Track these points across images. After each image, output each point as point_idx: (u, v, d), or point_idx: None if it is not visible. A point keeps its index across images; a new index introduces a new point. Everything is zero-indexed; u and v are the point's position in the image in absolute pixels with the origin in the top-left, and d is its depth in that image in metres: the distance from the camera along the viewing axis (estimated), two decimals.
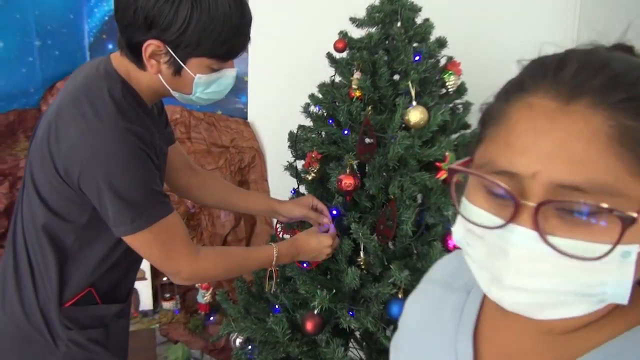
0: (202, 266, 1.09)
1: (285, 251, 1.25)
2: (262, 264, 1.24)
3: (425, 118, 1.33)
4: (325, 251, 1.28)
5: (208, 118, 2.47)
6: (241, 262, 1.20)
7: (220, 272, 1.15)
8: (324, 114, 1.55)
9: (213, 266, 1.12)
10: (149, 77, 1.04)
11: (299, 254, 1.28)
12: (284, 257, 1.25)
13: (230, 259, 1.18)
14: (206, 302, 2.33)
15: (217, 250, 1.18)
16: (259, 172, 2.48)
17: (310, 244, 1.28)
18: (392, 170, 1.39)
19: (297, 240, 1.29)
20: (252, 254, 1.24)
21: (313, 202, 1.39)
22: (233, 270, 1.21)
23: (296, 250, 1.27)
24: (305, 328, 1.29)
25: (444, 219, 1.33)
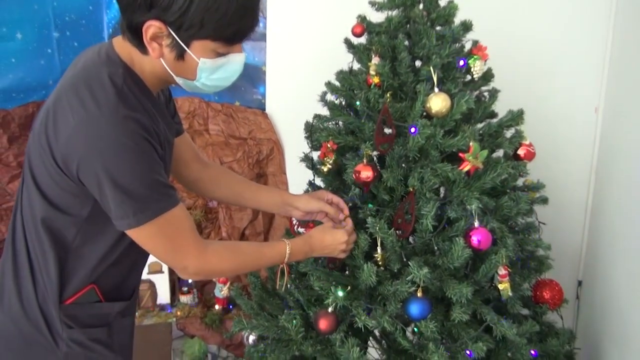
0: (210, 261, 1.04)
1: (299, 248, 1.19)
2: (274, 261, 1.18)
3: (447, 106, 1.25)
4: (339, 247, 1.22)
5: (226, 109, 2.42)
6: (252, 259, 1.15)
7: (229, 268, 1.10)
8: (341, 103, 1.48)
9: (221, 261, 1.07)
10: (152, 62, 0.99)
11: (313, 250, 1.22)
12: (297, 254, 1.19)
13: (240, 254, 1.12)
14: (224, 296, 2.29)
15: (226, 245, 1.12)
16: (277, 164, 2.42)
17: (325, 240, 1.22)
18: (412, 161, 1.31)
19: (310, 237, 1.23)
20: (264, 250, 1.18)
21: (328, 197, 1.32)
22: (243, 267, 1.16)
23: (310, 247, 1.21)
24: (318, 327, 1.23)
25: (467, 214, 1.24)
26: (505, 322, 1.23)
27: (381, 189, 1.32)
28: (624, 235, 1.67)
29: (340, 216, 1.31)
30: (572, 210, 2.02)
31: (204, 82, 1.01)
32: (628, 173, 1.68)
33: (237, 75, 1.05)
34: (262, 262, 1.17)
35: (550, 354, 1.41)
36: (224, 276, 1.16)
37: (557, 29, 1.95)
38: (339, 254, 1.24)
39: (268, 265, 1.20)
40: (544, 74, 1.98)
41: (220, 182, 1.37)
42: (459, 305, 1.21)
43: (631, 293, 1.57)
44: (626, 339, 1.56)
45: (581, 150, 1.97)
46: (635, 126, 1.66)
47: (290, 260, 1.19)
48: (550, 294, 1.46)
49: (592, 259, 1.98)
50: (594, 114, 1.94)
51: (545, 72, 1.98)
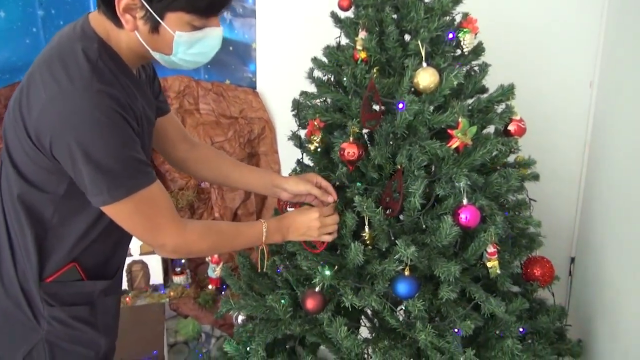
0: (189, 239, 1.03)
1: (275, 228, 1.18)
2: (252, 241, 1.17)
3: (435, 81, 1.21)
4: (313, 225, 1.20)
5: (216, 88, 2.38)
6: (230, 238, 1.13)
7: (207, 247, 1.09)
8: (329, 79, 1.45)
9: (200, 240, 1.05)
10: (128, 37, 0.96)
11: (289, 230, 1.20)
12: (274, 234, 1.18)
13: (218, 233, 1.11)
14: (217, 277, 2.30)
15: (204, 224, 1.11)
16: (269, 143, 2.39)
17: (297, 220, 1.20)
18: (400, 138, 1.28)
19: (285, 217, 1.22)
20: (242, 229, 1.17)
21: (317, 180, 1.30)
22: (221, 245, 1.14)
23: (285, 226, 1.20)
24: (305, 306, 1.22)
25: (456, 191, 1.22)
26: (493, 299, 1.22)
27: (369, 167, 1.30)
28: (618, 211, 1.65)
29: (329, 199, 1.29)
30: (565, 186, 2.00)
31: (181, 57, 0.98)
32: (622, 148, 1.66)
33: (215, 51, 1.02)
34: (240, 241, 1.16)
35: (540, 330, 1.41)
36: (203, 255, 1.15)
37: (550, 1, 1.90)
38: (318, 235, 1.22)
39: (247, 246, 1.19)
40: (537, 48, 1.94)
41: (208, 163, 1.35)
42: (447, 283, 1.20)
43: (624, 269, 1.56)
44: (618, 315, 1.55)
45: (575, 126, 1.94)
46: (630, 100, 1.63)
47: (268, 241, 1.17)
48: (541, 271, 1.45)
49: (585, 236, 1.97)
50: (589, 89, 1.91)
51: (538, 46, 1.93)
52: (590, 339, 1.69)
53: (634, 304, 1.46)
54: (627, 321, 1.48)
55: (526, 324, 1.38)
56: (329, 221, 1.23)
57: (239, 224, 1.19)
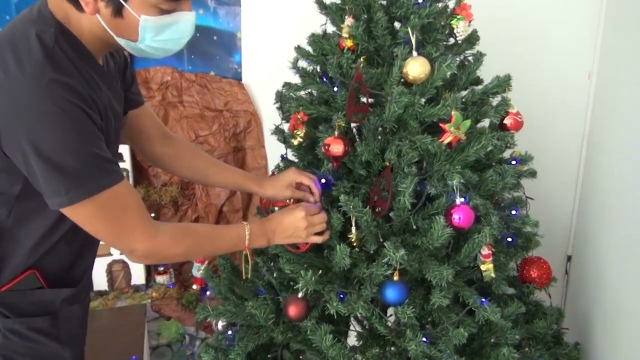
0: (161, 243, 0.94)
1: (259, 231, 1.09)
2: (233, 244, 1.08)
3: (426, 71, 1.13)
4: (300, 226, 1.11)
5: (200, 80, 2.28)
6: (208, 242, 1.05)
7: (182, 252, 1.00)
8: (314, 70, 1.36)
9: (173, 244, 0.96)
10: (90, 21, 0.87)
11: (274, 233, 1.12)
12: (258, 238, 1.09)
13: (194, 236, 1.02)
14: (202, 276, 2.21)
15: (180, 227, 1.02)
16: (255, 137, 2.30)
17: (283, 221, 1.12)
18: (389, 133, 1.20)
19: (269, 220, 1.13)
20: (222, 232, 1.08)
21: (297, 179, 1.21)
22: (198, 250, 1.06)
23: (270, 229, 1.12)
24: (287, 313, 1.14)
25: (448, 189, 1.14)
26: (488, 305, 1.14)
27: (357, 163, 1.22)
28: (616, 208, 1.58)
29: (310, 198, 1.20)
30: (562, 183, 1.92)
31: (148, 44, 0.89)
32: (621, 143, 1.59)
33: (187, 37, 0.93)
34: (220, 245, 1.07)
35: (536, 336, 1.34)
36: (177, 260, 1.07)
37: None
38: (306, 236, 1.13)
39: (228, 250, 1.11)
40: (534, 38, 1.85)
41: (186, 159, 1.26)
42: (439, 288, 1.12)
43: (622, 267, 1.49)
44: (617, 315, 1.49)
45: (573, 119, 1.87)
46: (630, 93, 1.56)
47: (252, 245, 1.09)
48: (538, 272, 1.38)
49: (583, 234, 1.90)
50: (587, 80, 1.83)
51: (535, 36, 1.85)
52: (587, 341, 1.63)
53: (633, 303, 1.40)
54: (627, 321, 1.42)
55: (522, 328, 1.30)
56: (317, 220, 1.14)
57: (219, 226, 1.11)
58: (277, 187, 1.21)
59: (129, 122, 1.13)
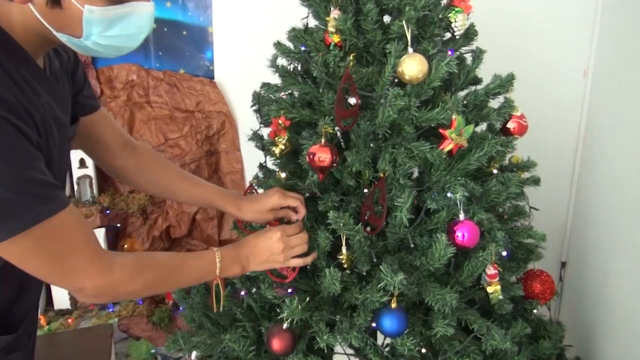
0: (116, 280, 0.79)
1: (231, 257, 0.96)
2: (202, 275, 0.94)
3: (425, 70, 1.00)
4: (275, 249, 0.98)
5: (169, 78, 2.11)
6: (173, 273, 0.90)
7: (142, 287, 0.85)
8: (295, 68, 1.22)
9: (131, 280, 0.81)
10: (22, 12, 0.71)
11: (249, 260, 0.98)
12: (231, 265, 0.96)
13: (157, 269, 0.87)
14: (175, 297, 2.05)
15: (139, 259, 0.87)
16: (230, 140, 2.15)
17: (258, 244, 0.99)
18: (382, 139, 1.07)
19: (241, 245, 0.99)
20: (189, 262, 0.94)
21: (282, 204, 1.07)
22: (162, 284, 0.91)
23: (244, 255, 0.98)
24: (270, 347, 1.00)
25: (450, 203, 1.02)
26: (496, 331, 1.02)
27: (345, 173, 1.08)
28: (612, 212, 1.50)
29: (293, 217, 1.07)
30: (557, 185, 1.83)
31: (96, 41, 0.73)
32: (618, 144, 1.50)
33: (144, 33, 0.77)
34: (187, 276, 0.93)
35: (542, 357, 1.23)
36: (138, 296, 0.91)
37: None
38: (284, 260, 1.00)
39: (197, 281, 0.97)
40: (529, 33, 1.75)
41: (148, 172, 1.10)
42: (442, 315, 1.00)
43: (620, 273, 1.41)
44: (616, 322, 1.41)
45: (568, 119, 1.77)
46: (627, 91, 1.47)
47: (224, 274, 0.95)
48: (541, 287, 1.27)
49: (577, 239, 1.81)
50: (583, 78, 1.74)
51: (530, 31, 1.75)
52: (588, 353, 1.54)
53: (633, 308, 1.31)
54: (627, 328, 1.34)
55: (526, 350, 1.19)
56: (295, 241, 1.01)
57: (185, 254, 0.95)
58: (258, 211, 1.07)
59: (83, 131, 0.97)
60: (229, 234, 2.17)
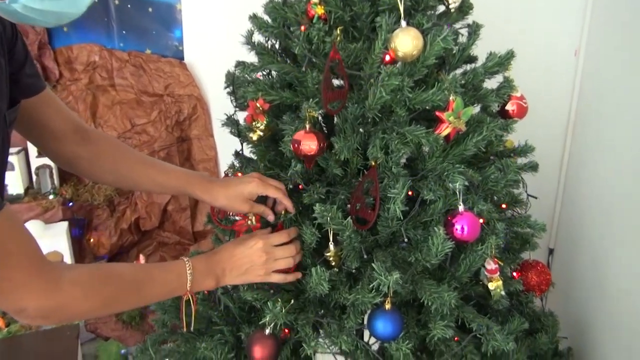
0: (66, 298, 0.67)
1: (204, 269, 0.85)
2: (170, 290, 0.83)
3: (419, 46, 0.90)
4: (257, 260, 0.89)
5: (134, 59, 1.96)
6: (135, 289, 0.78)
7: (99, 306, 0.73)
8: (273, 45, 1.10)
9: (85, 297, 0.70)
10: None
11: (224, 270, 0.88)
12: (204, 278, 0.86)
13: (116, 284, 0.75)
14: None
15: (94, 272, 0.73)
16: (202, 125, 2.01)
17: (236, 254, 0.89)
18: (372, 124, 0.97)
19: (217, 253, 0.89)
20: (154, 274, 0.81)
21: (260, 192, 0.96)
22: (122, 301, 0.78)
23: (219, 265, 0.88)
24: (252, 355, 0.90)
25: (448, 193, 0.93)
26: (497, 329, 0.94)
27: (332, 162, 0.98)
28: (601, 200, 1.45)
29: (270, 217, 0.96)
30: (546, 171, 1.76)
31: (26, 4, 0.60)
32: (609, 125, 1.44)
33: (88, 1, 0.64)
34: (153, 291, 0.81)
35: (539, 353, 1.17)
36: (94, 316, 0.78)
37: None
38: (265, 274, 0.90)
39: (163, 297, 0.85)
40: (519, 12, 1.66)
41: (105, 161, 0.96)
42: (439, 315, 0.91)
43: (608, 259, 1.37)
44: (608, 309, 1.37)
45: (558, 100, 1.71)
46: (619, 71, 1.41)
47: (196, 288, 0.84)
48: (537, 279, 1.20)
49: (566, 226, 1.76)
50: (574, 58, 1.67)
51: (520, 10, 1.66)
52: (579, 342, 1.49)
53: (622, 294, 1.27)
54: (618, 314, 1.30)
55: (523, 345, 1.13)
56: (280, 253, 0.91)
57: (150, 266, 0.84)
58: (231, 197, 0.95)
59: (25, 116, 0.83)
60: (204, 225, 2.05)
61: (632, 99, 1.32)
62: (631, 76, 1.34)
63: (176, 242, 2.07)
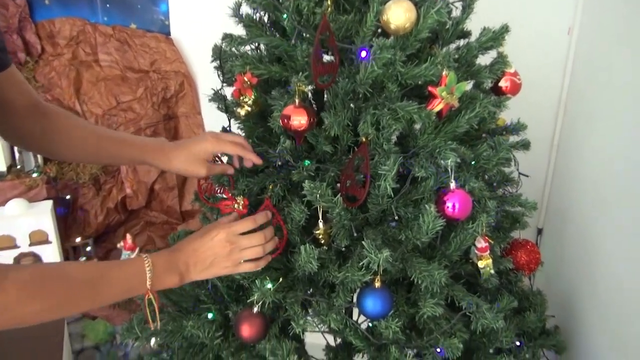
0: (8, 299, 0.63)
1: (165, 265, 0.79)
2: (128, 289, 0.77)
3: (412, 19, 0.87)
4: (221, 250, 0.82)
5: (119, 34, 1.90)
6: (88, 289, 0.72)
7: (48, 307, 0.67)
8: (261, 17, 1.06)
9: (31, 298, 0.65)
10: None
11: (188, 265, 0.82)
12: (166, 275, 0.80)
13: (65, 284, 0.70)
14: None
15: (41, 271, 0.68)
16: (189, 103, 1.97)
17: (199, 247, 0.82)
18: (363, 99, 0.94)
19: (179, 248, 0.82)
20: (109, 272, 0.75)
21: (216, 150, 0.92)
22: (74, 302, 0.72)
23: (182, 260, 0.81)
24: (240, 334, 0.89)
25: (439, 170, 0.92)
26: (487, 308, 0.94)
27: (321, 138, 0.96)
28: (594, 177, 1.44)
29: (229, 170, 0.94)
30: (536, 150, 1.75)
31: None
32: (602, 104, 1.43)
33: None
34: (109, 291, 0.75)
35: (527, 331, 1.17)
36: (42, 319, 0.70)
37: None
38: (233, 265, 0.84)
39: (121, 296, 0.78)
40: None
41: (62, 136, 0.91)
42: (429, 293, 0.91)
43: (597, 239, 1.37)
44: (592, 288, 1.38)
45: (550, 79, 1.69)
46: (613, 49, 1.39)
47: (158, 287, 0.78)
48: (527, 258, 1.20)
49: (556, 206, 1.76)
50: (567, 36, 1.65)
51: None
52: (566, 321, 1.51)
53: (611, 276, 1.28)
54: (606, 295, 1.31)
55: (512, 324, 1.13)
56: (246, 242, 0.84)
57: (105, 264, 0.76)
58: (187, 160, 0.91)
59: None
60: (192, 204, 2.02)
61: (624, 78, 1.31)
62: (623, 55, 1.33)
63: (164, 222, 2.05)
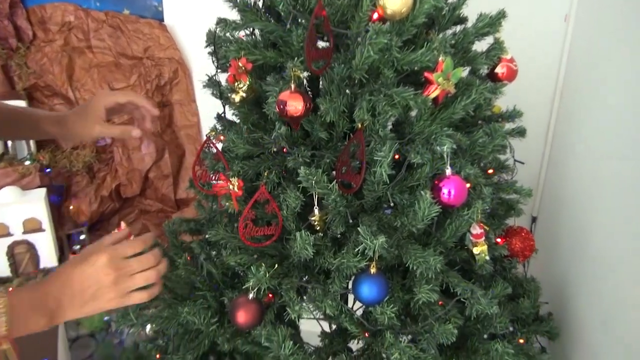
0: None
1: (29, 302, 0.65)
2: None
3: (409, 3, 0.87)
4: (104, 278, 0.67)
5: (111, 20, 1.88)
6: None
7: None
8: (255, 3, 1.05)
9: None
10: None
11: (61, 302, 0.67)
12: (29, 316, 0.65)
13: None
14: None
15: None
16: (184, 90, 1.96)
17: (75, 277, 0.67)
18: (359, 85, 0.94)
19: (48, 281, 0.67)
20: None
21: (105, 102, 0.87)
22: None
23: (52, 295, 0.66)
24: (235, 320, 0.89)
25: (435, 157, 0.92)
26: (481, 294, 0.95)
27: (317, 124, 0.95)
28: (590, 166, 1.45)
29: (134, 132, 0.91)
30: (531, 138, 1.75)
31: None
32: (598, 92, 1.43)
33: None
34: None
35: (521, 317, 1.18)
36: None
37: None
38: (120, 296, 0.69)
39: None
40: None
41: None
42: (424, 279, 0.91)
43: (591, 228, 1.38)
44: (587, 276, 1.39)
45: (546, 66, 1.68)
46: (610, 37, 1.38)
47: (19, 332, 0.64)
48: (521, 245, 1.21)
49: (551, 194, 1.77)
50: (564, 23, 1.64)
51: None
52: (560, 308, 1.52)
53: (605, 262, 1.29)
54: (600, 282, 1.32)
55: (506, 310, 1.14)
56: (137, 265, 0.70)
57: None
58: (83, 123, 0.85)
59: None
60: (187, 192, 2.01)
61: (620, 66, 1.31)
62: (620, 42, 1.32)
63: (158, 210, 2.04)
